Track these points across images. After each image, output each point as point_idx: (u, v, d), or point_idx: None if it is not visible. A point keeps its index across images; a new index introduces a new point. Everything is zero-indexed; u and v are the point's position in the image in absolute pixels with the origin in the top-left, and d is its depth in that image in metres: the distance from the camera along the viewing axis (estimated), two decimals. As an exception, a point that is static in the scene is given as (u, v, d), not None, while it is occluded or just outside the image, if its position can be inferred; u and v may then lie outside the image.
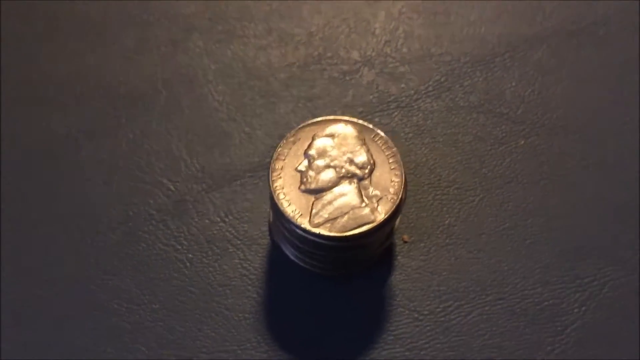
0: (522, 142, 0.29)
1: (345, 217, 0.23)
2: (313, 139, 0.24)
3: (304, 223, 0.23)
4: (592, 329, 0.25)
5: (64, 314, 0.25)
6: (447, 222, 0.27)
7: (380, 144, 0.25)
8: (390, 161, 0.24)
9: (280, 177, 0.24)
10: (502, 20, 0.31)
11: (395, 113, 0.29)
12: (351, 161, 0.24)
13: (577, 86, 0.30)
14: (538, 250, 0.27)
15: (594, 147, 0.29)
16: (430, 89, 0.30)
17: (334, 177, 0.24)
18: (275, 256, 0.26)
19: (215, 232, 0.27)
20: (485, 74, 0.30)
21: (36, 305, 0.25)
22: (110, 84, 0.30)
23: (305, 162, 0.24)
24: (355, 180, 0.24)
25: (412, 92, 0.30)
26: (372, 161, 0.24)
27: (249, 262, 0.26)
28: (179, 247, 0.27)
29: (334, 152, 0.24)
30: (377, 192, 0.24)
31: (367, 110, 0.29)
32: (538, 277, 0.26)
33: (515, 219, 0.27)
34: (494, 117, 0.29)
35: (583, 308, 0.26)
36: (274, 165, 0.24)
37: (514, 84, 0.30)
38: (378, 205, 0.23)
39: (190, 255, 0.26)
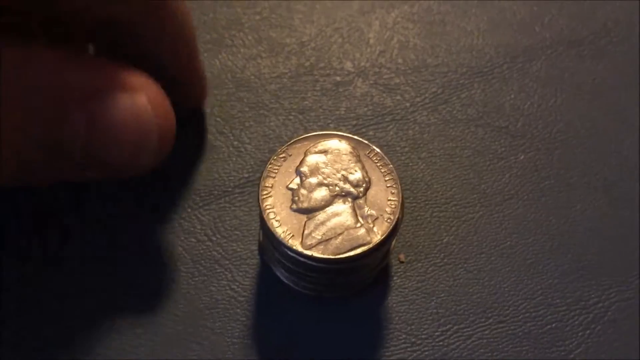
0: (522, 156, 0.28)
1: (339, 238, 0.22)
2: (305, 155, 0.24)
3: (296, 244, 0.22)
4: (597, 353, 0.24)
5: (38, 344, 0.24)
6: (445, 240, 0.26)
7: (376, 161, 0.24)
8: (387, 179, 0.23)
9: (271, 196, 0.23)
10: (500, 30, 0.31)
11: (391, 126, 0.28)
12: (345, 179, 0.23)
13: (577, 98, 0.29)
14: (540, 271, 0.26)
15: (596, 162, 0.28)
16: (426, 101, 0.29)
17: (327, 195, 0.23)
18: (265, 277, 0.26)
19: (201, 251, 0.26)
20: (483, 85, 0.29)
21: None
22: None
23: (297, 180, 0.23)
24: (349, 199, 0.23)
25: (408, 104, 0.29)
26: (367, 179, 0.23)
27: (237, 284, 0.25)
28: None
29: (327, 169, 0.23)
30: (373, 212, 0.23)
31: (361, 123, 0.28)
32: (540, 298, 0.25)
33: (516, 238, 0.26)
34: (493, 131, 0.28)
35: (587, 331, 0.25)
36: (264, 182, 0.23)
37: (512, 96, 0.29)
38: (374, 225, 0.22)
39: (175, 276, 0.25)
